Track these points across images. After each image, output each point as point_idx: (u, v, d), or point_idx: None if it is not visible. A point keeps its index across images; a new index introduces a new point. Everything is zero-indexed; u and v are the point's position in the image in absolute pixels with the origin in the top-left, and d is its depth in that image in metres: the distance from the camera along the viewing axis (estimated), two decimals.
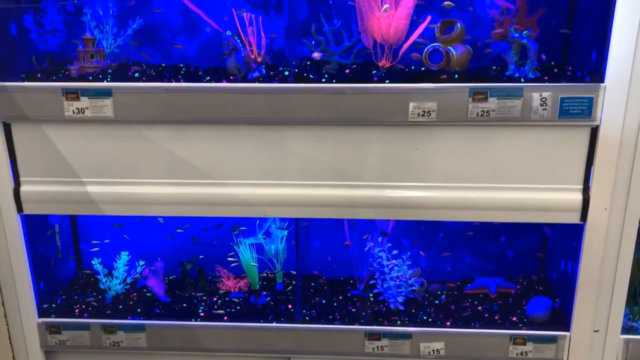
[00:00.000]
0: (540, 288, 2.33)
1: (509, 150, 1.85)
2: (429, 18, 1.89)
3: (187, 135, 1.90)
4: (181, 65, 2.14)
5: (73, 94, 1.85)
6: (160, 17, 2.18)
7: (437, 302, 2.25)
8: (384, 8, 1.86)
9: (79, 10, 2.09)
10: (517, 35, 1.87)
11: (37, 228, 2.14)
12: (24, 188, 1.97)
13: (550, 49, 2.02)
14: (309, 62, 2.03)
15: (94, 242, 2.35)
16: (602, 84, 1.73)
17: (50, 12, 2.08)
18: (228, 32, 1.98)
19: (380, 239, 2.22)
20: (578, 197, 1.86)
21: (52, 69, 2.06)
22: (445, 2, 1.98)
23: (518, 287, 2.33)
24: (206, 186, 1.95)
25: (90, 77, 1.92)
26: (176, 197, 1.96)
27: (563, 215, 1.90)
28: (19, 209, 1.99)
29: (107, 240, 2.36)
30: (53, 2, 2.08)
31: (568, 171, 1.85)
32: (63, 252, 2.35)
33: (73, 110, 1.86)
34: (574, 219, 1.89)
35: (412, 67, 1.96)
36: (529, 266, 2.44)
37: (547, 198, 1.88)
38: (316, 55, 2.00)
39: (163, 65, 2.14)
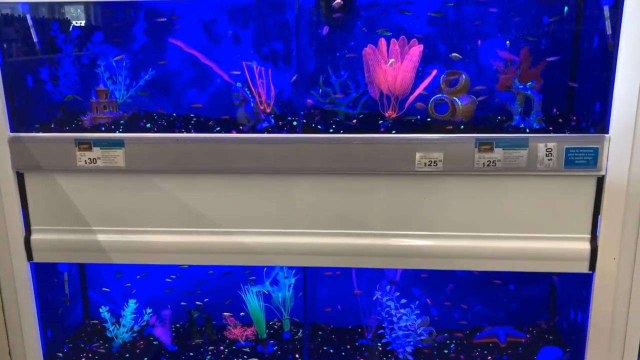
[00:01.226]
0: (551, 337, 2.30)
1: (516, 200, 1.86)
2: (434, 72, 1.94)
3: (196, 185, 1.93)
4: (192, 115, 2.18)
5: (85, 145, 1.89)
6: (172, 67, 2.23)
7: (446, 351, 2.23)
8: (390, 62, 1.91)
9: (93, 62, 2.15)
10: (522, 86, 1.91)
11: (45, 275, 2.15)
12: (34, 236, 1.99)
13: (554, 98, 2.05)
14: (316, 111, 2.07)
15: (104, 289, 2.36)
16: (606, 135, 1.75)
17: (66, 64, 2.14)
18: (238, 84, 2.03)
19: (388, 287, 2.22)
20: (586, 246, 1.86)
21: (66, 119, 2.11)
22: (453, 54, 2.03)
23: (528, 336, 2.30)
24: (215, 235, 1.96)
25: (103, 128, 1.96)
26: (185, 246, 1.97)
27: (571, 264, 1.89)
28: (29, 257, 2.01)
29: (128, 284, 2.36)
30: (68, 54, 2.14)
31: (575, 220, 1.86)
32: (71, 299, 2.35)
33: (85, 160, 1.90)
34: (583, 268, 1.88)
35: (418, 117, 1.99)
36: (539, 315, 2.41)
37: (555, 247, 1.88)
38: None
39: (174, 115, 2.19)
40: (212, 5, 2.15)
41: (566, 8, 2.03)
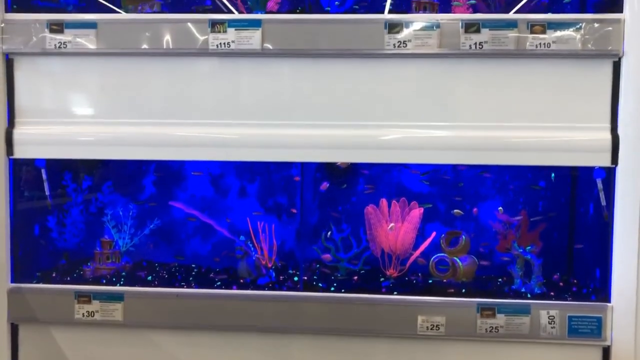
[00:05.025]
0: None
1: None
2: (434, 234, 1.98)
3: (194, 341, 1.89)
4: (193, 265, 2.19)
5: (85, 297, 1.88)
6: (177, 217, 2.27)
7: None
8: (389, 227, 1.95)
9: (101, 211, 2.20)
10: (521, 250, 1.93)
11: None
12: None
13: (554, 261, 2.06)
14: (318, 265, 2.09)
15: None
16: (609, 304, 1.74)
17: (74, 212, 2.19)
18: (241, 237, 2.07)
19: None
20: None
21: (68, 267, 2.11)
22: (455, 210, 2.08)
23: None
24: None
25: (104, 280, 1.97)
26: None
27: None
28: None
29: None
30: (77, 203, 2.19)
31: None
32: None
33: (83, 313, 1.87)
34: None
35: (420, 274, 2.00)
36: None
37: None
38: (327, 257, 2.06)
39: (176, 265, 2.20)
40: (220, 162, 2.24)
41: (553, 174, 2.11)
